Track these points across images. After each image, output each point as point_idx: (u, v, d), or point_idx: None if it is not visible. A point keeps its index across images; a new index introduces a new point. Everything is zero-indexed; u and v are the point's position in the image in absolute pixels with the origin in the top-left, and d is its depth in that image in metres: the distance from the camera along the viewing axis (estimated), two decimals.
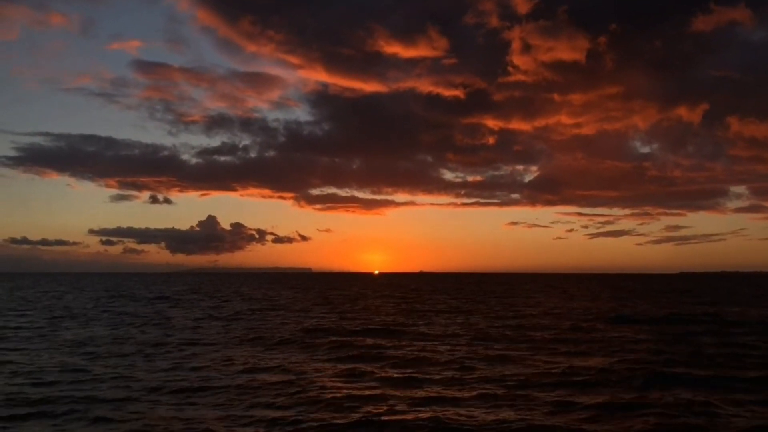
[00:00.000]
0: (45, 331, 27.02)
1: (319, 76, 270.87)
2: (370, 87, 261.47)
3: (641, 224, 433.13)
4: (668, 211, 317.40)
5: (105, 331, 26.93)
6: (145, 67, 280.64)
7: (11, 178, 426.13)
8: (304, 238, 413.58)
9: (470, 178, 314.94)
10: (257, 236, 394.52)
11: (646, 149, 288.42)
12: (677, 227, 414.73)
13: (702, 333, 25.55)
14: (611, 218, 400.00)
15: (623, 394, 13.84)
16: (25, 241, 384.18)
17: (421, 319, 33.57)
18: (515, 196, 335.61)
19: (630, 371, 16.24)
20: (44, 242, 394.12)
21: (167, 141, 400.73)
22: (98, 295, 62.45)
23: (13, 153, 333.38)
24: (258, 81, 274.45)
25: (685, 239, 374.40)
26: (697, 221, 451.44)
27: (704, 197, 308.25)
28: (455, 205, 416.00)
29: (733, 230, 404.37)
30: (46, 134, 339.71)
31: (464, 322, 30.96)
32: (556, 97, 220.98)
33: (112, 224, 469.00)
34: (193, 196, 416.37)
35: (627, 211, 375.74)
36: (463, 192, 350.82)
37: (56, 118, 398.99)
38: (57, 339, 23.91)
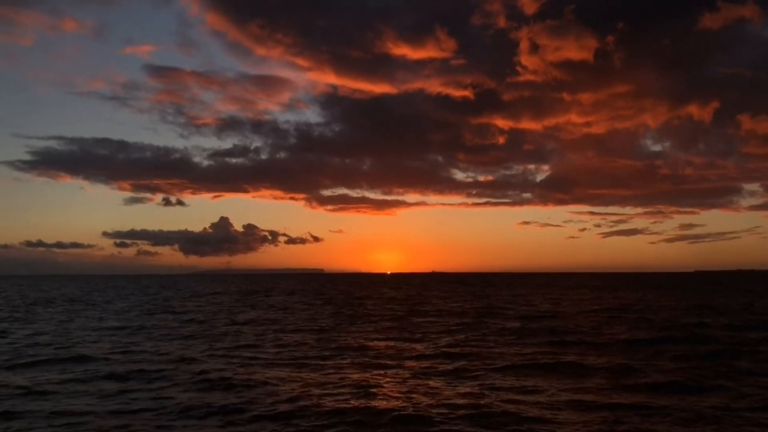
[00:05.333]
0: None
1: (328, 78, 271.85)
2: (379, 88, 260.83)
3: (654, 223, 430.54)
4: (681, 210, 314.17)
5: None
6: (157, 71, 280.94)
7: (26, 182, 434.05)
8: (316, 238, 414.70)
9: (481, 178, 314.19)
10: (270, 237, 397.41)
11: (657, 147, 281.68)
12: (691, 225, 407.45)
13: None
14: (624, 217, 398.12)
15: None
16: (40, 243, 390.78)
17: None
18: (527, 195, 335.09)
19: None
20: (59, 245, 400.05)
21: (179, 144, 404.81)
22: None
23: (27, 157, 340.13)
24: (268, 83, 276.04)
25: (699, 237, 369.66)
26: (711, 219, 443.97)
27: (717, 195, 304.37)
28: (466, 204, 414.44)
29: (747, 228, 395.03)
30: (60, 138, 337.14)
31: None
32: (565, 96, 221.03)
33: (125, 226, 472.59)
34: (205, 198, 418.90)
35: (640, 210, 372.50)
36: (474, 192, 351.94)
37: (70, 122, 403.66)
38: None
